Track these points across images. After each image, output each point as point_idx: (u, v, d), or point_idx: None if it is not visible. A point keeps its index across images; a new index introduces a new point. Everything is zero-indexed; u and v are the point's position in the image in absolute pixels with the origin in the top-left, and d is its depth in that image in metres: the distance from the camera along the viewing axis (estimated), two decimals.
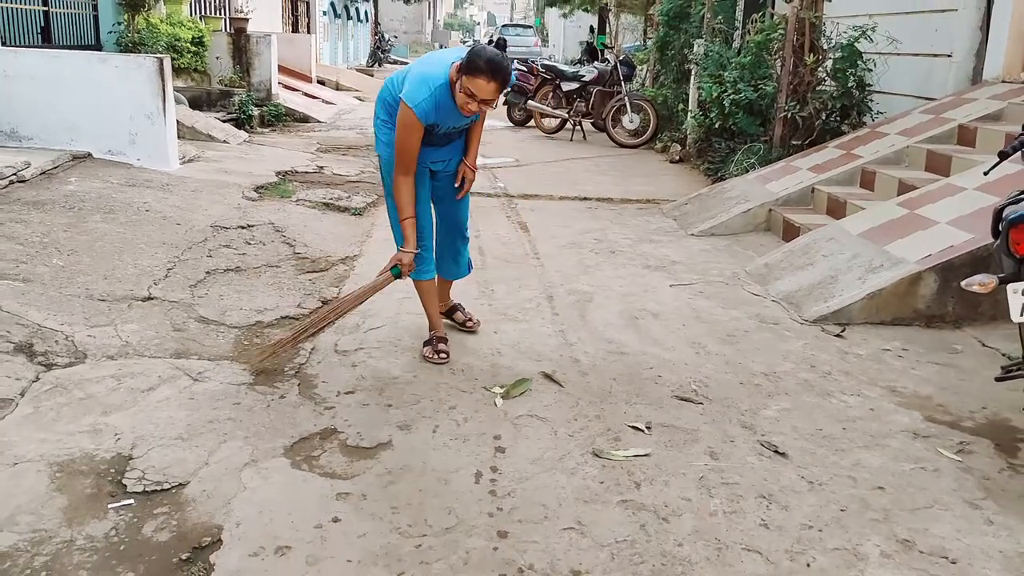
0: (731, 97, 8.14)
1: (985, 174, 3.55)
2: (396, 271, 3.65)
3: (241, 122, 10.92)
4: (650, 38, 15.86)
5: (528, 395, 3.45)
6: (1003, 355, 3.97)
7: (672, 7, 11.15)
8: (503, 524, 2.55)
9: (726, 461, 2.97)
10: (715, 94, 8.38)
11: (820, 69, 7.61)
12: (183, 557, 2.33)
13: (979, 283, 2.73)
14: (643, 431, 3.17)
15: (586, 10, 23.31)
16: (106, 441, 2.90)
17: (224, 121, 10.39)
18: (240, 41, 12.55)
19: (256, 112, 11.44)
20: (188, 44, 11.61)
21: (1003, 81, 6.83)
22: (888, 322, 4.39)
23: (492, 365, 3.74)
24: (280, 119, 12.10)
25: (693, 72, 9.84)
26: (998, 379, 3.04)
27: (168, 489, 2.65)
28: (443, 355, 3.75)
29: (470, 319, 4.14)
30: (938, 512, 2.69)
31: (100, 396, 3.21)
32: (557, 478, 2.82)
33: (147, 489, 2.64)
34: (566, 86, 11.96)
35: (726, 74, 8.46)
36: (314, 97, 14.81)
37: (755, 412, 3.37)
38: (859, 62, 7.51)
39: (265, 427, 3.08)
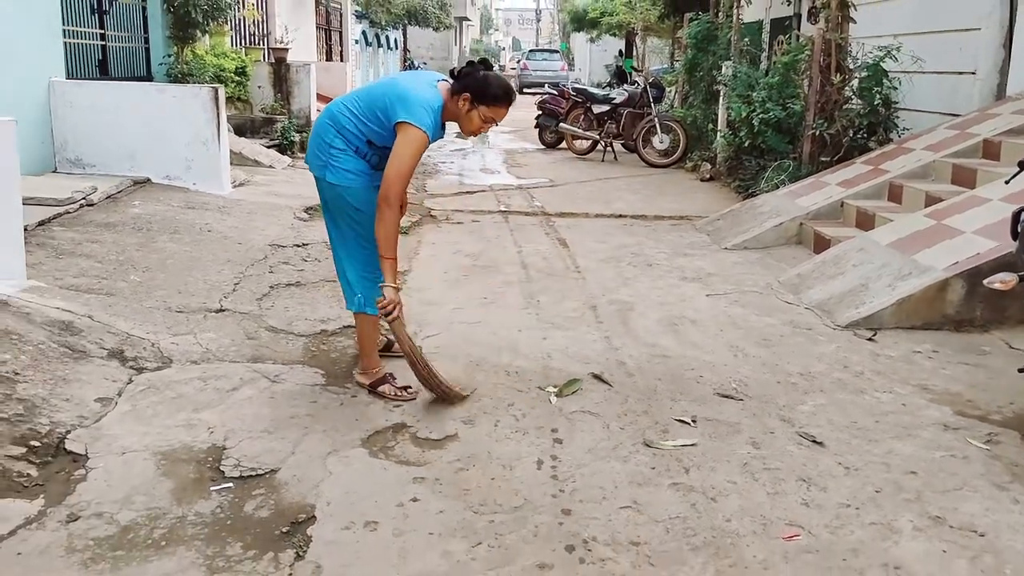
0: (760, 116, 8.39)
1: (1006, 183, 3.78)
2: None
3: (284, 148, 11.33)
4: (677, 60, 16.19)
5: (580, 394, 3.71)
6: None
7: (700, 30, 11.46)
8: (566, 504, 2.81)
9: (767, 449, 3.21)
10: (744, 114, 8.65)
11: (846, 88, 7.85)
12: (283, 530, 2.61)
13: (1000, 281, 2.97)
14: (689, 424, 3.42)
15: (613, 35, 23.70)
16: (201, 434, 3.20)
17: (268, 147, 10.82)
18: (280, 70, 13.01)
19: (297, 138, 11.86)
20: (232, 74, 12.07)
21: None
22: (918, 327, 4.60)
23: (544, 368, 4.01)
24: None
25: (722, 93, 10.11)
26: (1021, 370, 3.26)
27: (262, 474, 2.94)
28: (410, 390, 3.64)
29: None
30: (967, 493, 2.91)
31: (190, 395, 3.52)
32: (612, 465, 3.08)
33: (243, 474, 2.93)
34: (597, 108, 12.28)
35: (754, 94, 8.73)
36: None
37: (792, 407, 3.60)
38: (884, 80, 7.75)
39: (341, 422, 3.37)
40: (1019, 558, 2.52)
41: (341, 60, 21.94)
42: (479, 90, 3.44)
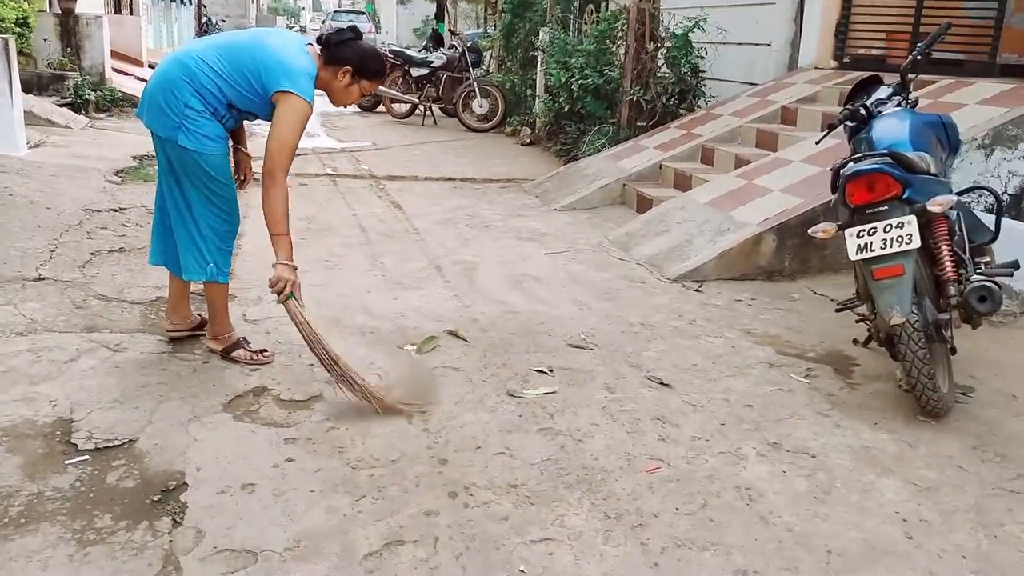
0: (579, 82, 8.69)
1: (816, 143, 4.18)
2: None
3: (77, 107, 10.47)
4: (491, 26, 16.35)
5: (438, 350, 3.76)
6: (831, 300, 4.64)
7: None
8: (442, 454, 2.87)
9: (621, 393, 3.42)
10: (563, 79, 8.92)
11: (659, 56, 8.29)
12: (154, 499, 2.50)
13: (822, 230, 3.30)
14: (547, 373, 3.57)
15: None
16: (43, 407, 2.98)
17: (60, 106, 9.95)
18: (69, 22, 11.95)
19: (92, 96, 10.98)
20: (12, 25, 10.94)
21: (815, 68, 7.74)
22: (737, 277, 5.01)
23: (399, 327, 4.03)
24: (117, 104, 11.64)
25: (540, 59, 10.36)
26: (837, 310, 3.66)
27: (120, 445, 2.78)
28: (266, 353, 3.56)
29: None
30: (797, 421, 3.24)
31: (22, 368, 3.25)
32: (480, 415, 3.17)
33: (98, 446, 2.76)
34: (415, 72, 12.22)
35: (572, 60, 9.01)
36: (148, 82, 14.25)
37: (638, 354, 3.84)
38: (692, 50, 8.25)
39: (198, 388, 3.24)
40: (847, 473, 2.86)
41: (131, 14, 20.39)
42: (361, 65, 3.34)
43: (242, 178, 3.67)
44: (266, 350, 3.58)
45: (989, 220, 3.74)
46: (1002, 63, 6.76)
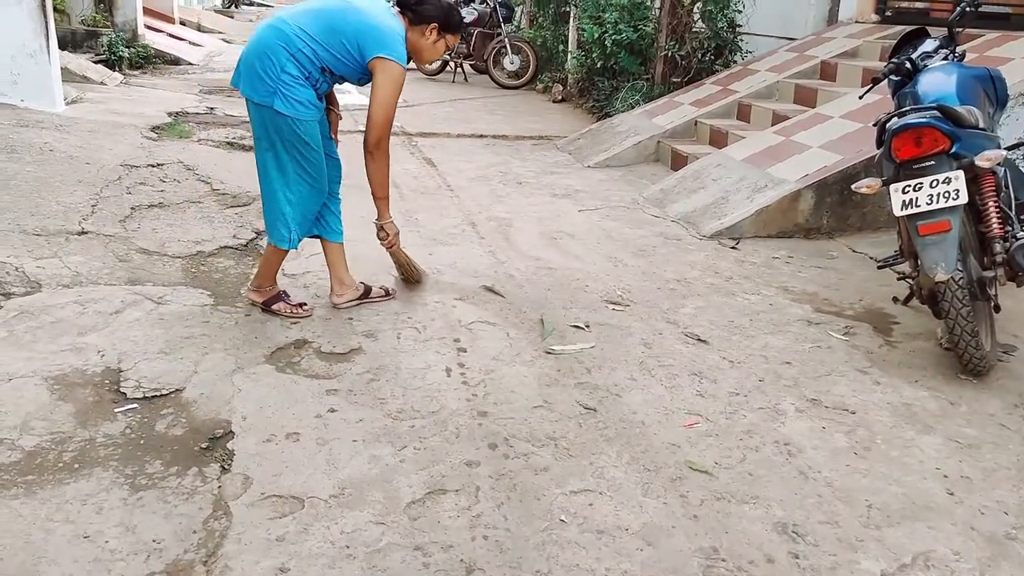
0: (612, 38, 8.56)
1: (860, 98, 4.10)
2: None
3: (112, 64, 10.49)
4: None
5: (477, 305, 3.78)
6: (871, 258, 4.60)
7: None
8: (481, 406, 2.90)
9: (659, 349, 3.42)
10: (596, 35, 8.79)
11: (695, 10, 8.14)
12: (202, 446, 2.56)
13: (867, 185, 3.25)
14: (584, 329, 3.58)
15: None
16: (92, 357, 3.04)
17: (95, 62, 9.98)
18: None
19: (126, 53, 10.99)
20: None
21: (856, 22, 7.56)
22: (774, 235, 4.97)
23: (436, 282, 4.04)
24: (150, 61, 11.66)
25: (572, 14, 10.21)
26: (880, 266, 3.62)
27: (167, 394, 2.84)
28: (305, 307, 3.60)
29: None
30: (836, 378, 3.23)
31: (70, 319, 3.32)
32: (518, 369, 3.19)
33: (147, 395, 2.83)
34: None
35: (606, 15, 8.87)
36: (180, 39, 14.27)
37: (675, 310, 3.84)
38: (728, 4, 8.08)
39: (240, 340, 3.29)
40: (887, 430, 2.86)
41: None
42: (446, 19, 3.39)
43: (332, 137, 3.68)
44: (305, 304, 3.62)
45: None
46: None
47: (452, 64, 12.06)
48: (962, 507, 2.44)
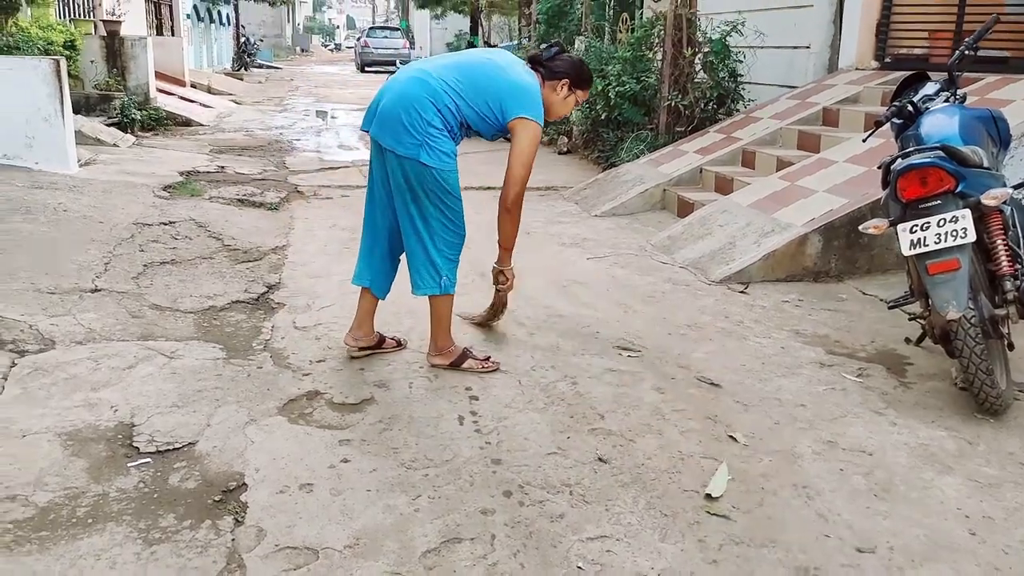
0: (616, 89, 8.70)
1: (863, 141, 4.14)
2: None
3: (124, 126, 10.70)
4: (525, 37, 16.44)
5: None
6: (880, 299, 4.59)
7: (551, 6, 11.72)
8: (495, 454, 2.88)
9: (671, 394, 3.41)
10: (600, 87, 8.93)
11: (697, 61, 8.27)
12: (215, 499, 2.55)
13: (874, 226, 3.27)
14: (596, 377, 3.57)
15: (459, 11, 23.68)
16: (105, 412, 3.05)
17: (107, 125, 10.18)
18: (114, 44, 12.22)
19: (138, 115, 11.22)
20: (61, 48, 11.23)
21: (856, 68, 7.67)
22: (783, 279, 4.97)
23: None
24: (161, 123, 11.88)
25: None
26: (891, 307, 3.61)
27: (180, 448, 2.84)
28: (492, 360, 3.64)
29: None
30: (851, 420, 3.21)
31: (84, 375, 3.33)
32: (531, 416, 3.18)
33: (160, 449, 2.82)
34: None
35: (609, 68, 9.03)
36: (191, 101, 14.54)
37: (687, 355, 3.83)
38: (730, 55, 8.22)
39: (253, 393, 3.29)
40: (905, 471, 2.82)
41: (172, 35, 20.82)
42: (577, 75, 3.50)
43: None
44: (490, 357, 3.64)
45: None
46: None
47: None
48: (985, 547, 2.40)
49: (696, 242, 5.59)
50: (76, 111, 10.32)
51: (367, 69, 31.80)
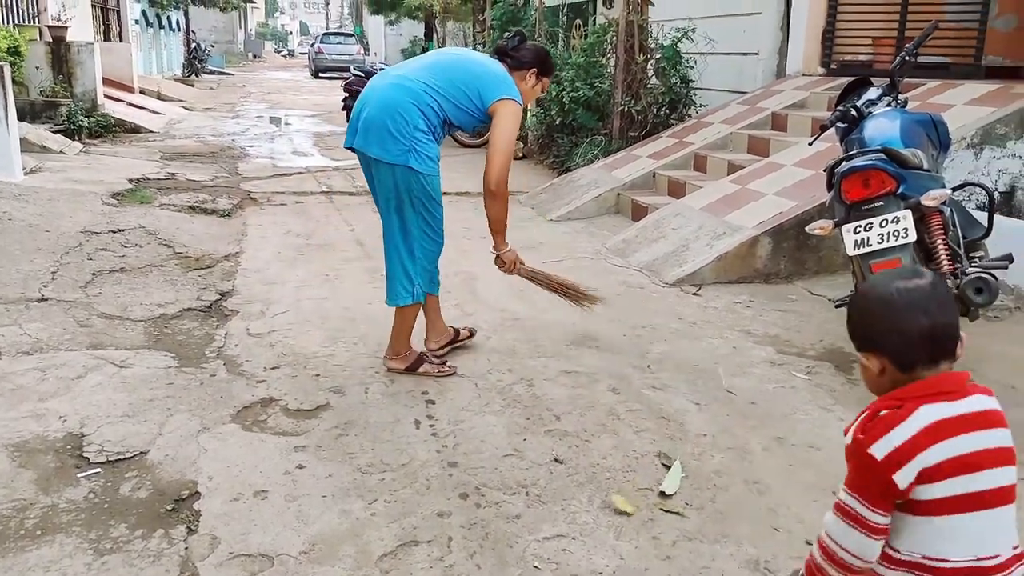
0: (570, 95, 8.77)
1: (809, 145, 4.24)
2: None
3: (71, 133, 10.50)
4: (479, 43, 16.47)
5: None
6: (829, 299, 4.68)
7: (505, 13, 11.75)
8: (451, 457, 2.89)
9: (626, 394, 3.45)
10: (554, 93, 8.99)
11: (649, 67, 8.37)
12: (168, 508, 2.52)
13: (820, 227, 3.35)
14: (552, 379, 3.59)
15: (413, 17, 23.64)
16: (53, 423, 2.99)
17: (54, 132, 9.98)
18: (60, 50, 11.99)
19: (86, 122, 11.01)
20: (4, 54, 10.98)
21: (804, 74, 7.83)
22: (735, 280, 5.05)
23: None
24: (110, 130, 11.69)
25: None
26: (837, 306, 3.70)
27: (131, 457, 2.80)
28: (448, 365, 3.67)
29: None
30: (800, 416, 3.28)
31: (31, 386, 3.27)
32: (488, 419, 3.19)
33: (110, 459, 2.78)
34: None
35: (563, 74, 9.09)
36: (140, 107, 14.33)
37: (642, 355, 3.88)
38: (681, 61, 8.33)
39: (205, 401, 3.26)
40: None
41: (120, 41, 20.47)
42: (542, 63, 3.55)
43: None
44: (447, 361, 3.66)
45: (982, 217, 3.80)
46: (987, 65, 6.86)
47: None
48: None
49: (650, 245, 5.65)
50: (21, 118, 10.09)
51: (321, 75, 31.57)
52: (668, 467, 2.84)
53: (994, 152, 5.35)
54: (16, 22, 13.42)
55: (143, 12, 24.17)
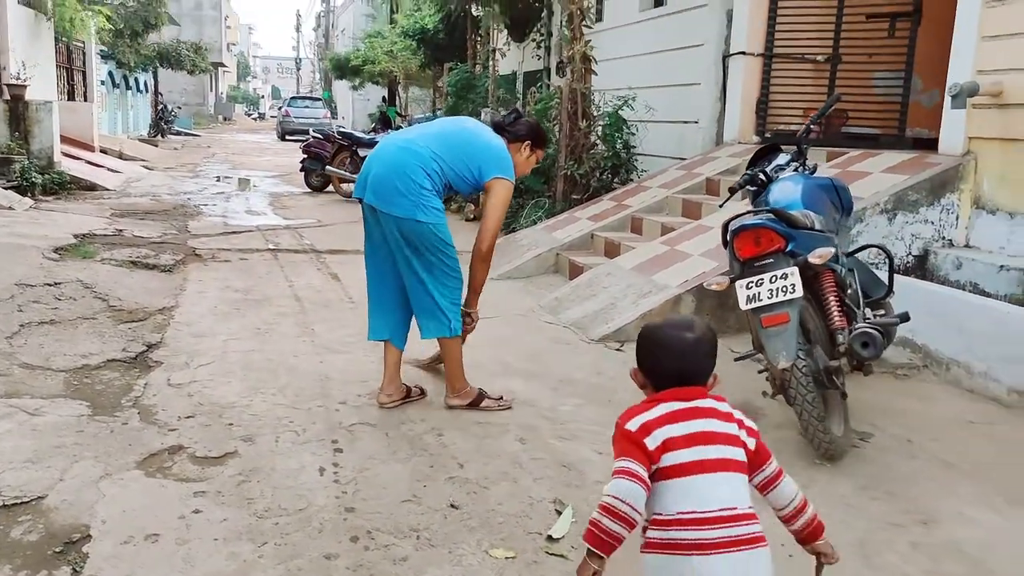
0: None
1: (720, 206, 4.42)
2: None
3: (23, 189, 10.53)
4: (439, 109, 16.84)
5: (358, 408, 3.85)
6: (731, 351, 4.83)
7: (460, 79, 12.10)
8: (349, 502, 2.94)
9: (532, 444, 3.53)
10: None
11: (592, 133, 8.65)
12: (56, 551, 2.54)
13: (716, 282, 3.50)
14: (463, 429, 3.67)
15: (376, 83, 24.10)
16: None
17: (5, 188, 10.01)
18: (18, 108, 12.08)
19: (40, 179, 11.06)
20: None
21: (739, 142, 8.13)
22: None
23: (323, 387, 4.11)
24: (65, 187, 11.72)
25: None
26: (737, 359, 3.83)
27: (27, 502, 2.82)
28: (504, 399, 3.97)
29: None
30: None
31: None
32: (393, 467, 3.25)
33: (5, 503, 2.80)
34: (363, 152, 12.49)
35: None
36: (99, 166, 14.38)
37: (555, 409, 3.97)
38: (624, 127, 8.63)
39: (113, 448, 3.29)
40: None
41: (85, 100, 20.61)
42: (537, 136, 3.88)
43: None
44: (503, 396, 3.97)
45: (886, 277, 3.98)
46: (913, 136, 7.20)
47: None
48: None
49: (582, 303, 5.79)
50: None
51: (287, 137, 31.91)
52: (560, 512, 2.92)
53: (907, 217, 5.59)
54: None
55: (110, 73, 24.41)
